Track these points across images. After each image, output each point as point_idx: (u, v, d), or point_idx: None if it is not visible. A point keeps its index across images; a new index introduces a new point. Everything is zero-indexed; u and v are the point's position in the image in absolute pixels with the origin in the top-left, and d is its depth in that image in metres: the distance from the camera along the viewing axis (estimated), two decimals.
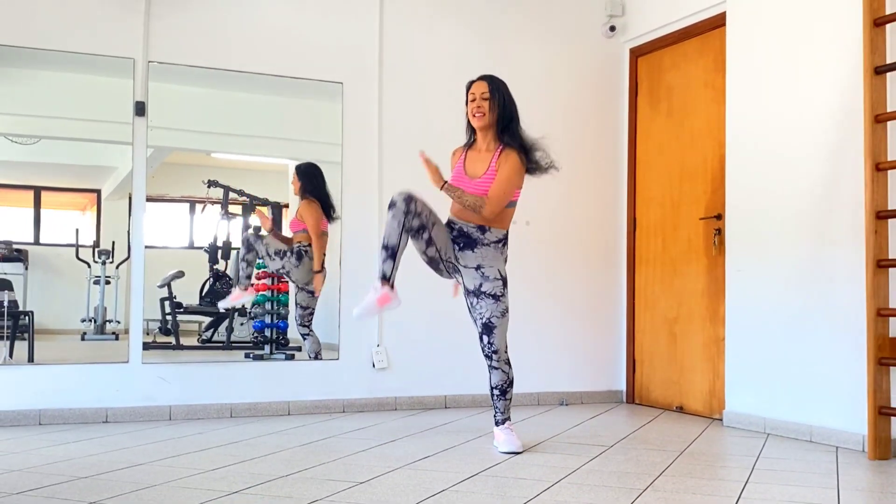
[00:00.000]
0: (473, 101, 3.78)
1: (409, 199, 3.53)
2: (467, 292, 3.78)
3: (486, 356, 3.75)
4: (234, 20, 4.82)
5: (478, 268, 3.74)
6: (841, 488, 3.10)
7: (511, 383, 3.80)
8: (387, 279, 3.60)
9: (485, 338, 3.72)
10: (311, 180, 5.04)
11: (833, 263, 4.06)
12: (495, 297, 3.71)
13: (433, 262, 3.76)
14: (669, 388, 5.22)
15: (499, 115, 3.76)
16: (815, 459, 3.67)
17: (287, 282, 5.14)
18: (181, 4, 4.70)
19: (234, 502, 2.74)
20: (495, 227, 3.76)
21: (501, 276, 3.76)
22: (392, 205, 3.54)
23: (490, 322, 3.70)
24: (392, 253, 3.57)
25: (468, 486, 3.04)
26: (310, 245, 4.99)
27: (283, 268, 5.02)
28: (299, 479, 3.10)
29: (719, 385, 4.81)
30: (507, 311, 3.75)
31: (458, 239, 3.76)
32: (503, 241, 3.80)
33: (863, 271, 3.82)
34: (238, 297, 4.99)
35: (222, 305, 5.06)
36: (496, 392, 3.79)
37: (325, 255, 5.00)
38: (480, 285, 3.71)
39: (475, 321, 3.77)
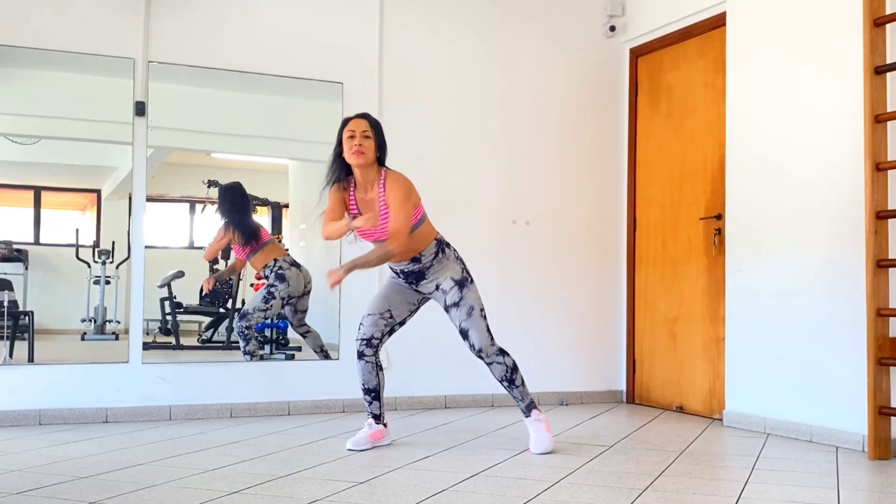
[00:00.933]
0: (352, 138, 3.58)
1: (368, 341, 3.76)
2: (445, 311, 3.79)
3: (477, 357, 3.76)
4: (235, 20, 4.83)
5: (437, 287, 3.75)
6: (841, 488, 3.10)
7: (514, 368, 3.76)
8: (378, 419, 3.83)
9: (466, 342, 3.73)
10: (222, 204, 5.03)
11: (833, 263, 4.06)
12: (456, 305, 3.70)
13: (418, 309, 3.91)
14: (669, 388, 5.22)
15: (377, 153, 3.64)
16: (815, 459, 3.67)
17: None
18: (181, 4, 4.70)
19: (234, 502, 2.74)
20: (423, 247, 3.70)
21: (455, 281, 3.71)
22: (360, 355, 3.76)
23: (461, 327, 3.71)
24: (375, 395, 3.83)
25: (468, 486, 3.04)
26: (275, 260, 4.96)
27: (283, 300, 5.00)
28: (299, 479, 3.10)
29: (719, 385, 4.81)
30: (473, 310, 3.69)
31: (408, 278, 3.79)
32: (440, 250, 3.73)
33: (863, 271, 3.82)
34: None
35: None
36: (504, 384, 3.77)
37: (281, 260, 4.98)
38: (445, 301, 3.74)
39: (447, 306, 3.77)
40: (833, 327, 4.05)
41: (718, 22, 4.86)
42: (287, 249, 5.12)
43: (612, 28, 5.60)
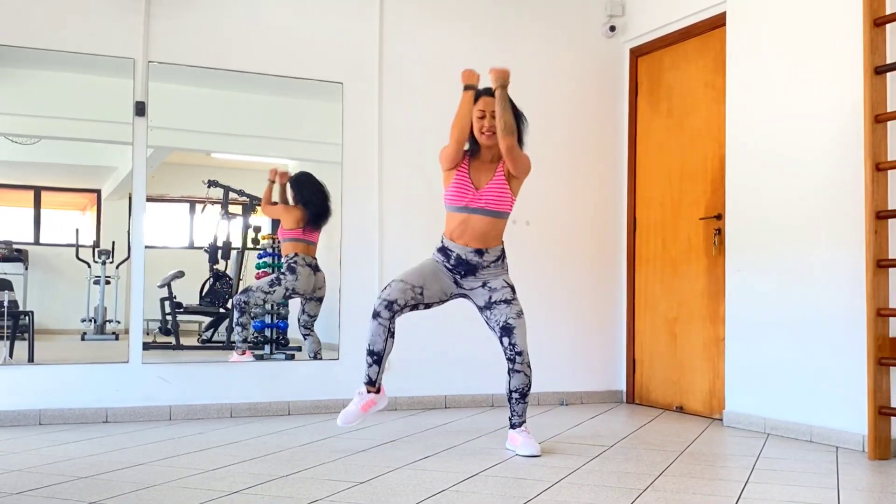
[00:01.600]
0: (482, 118, 3.65)
1: (390, 304, 3.60)
2: (480, 309, 3.75)
3: (509, 359, 3.67)
4: (234, 20, 4.83)
5: (483, 284, 3.73)
6: (841, 488, 3.10)
7: (530, 386, 3.74)
8: (373, 384, 3.71)
9: (505, 340, 3.65)
10: (301, 189, 5.05)
11: (833, 263, 4.06)
12: (507, 302, 3.68)
13: (441, 304, 3.80)
14: (669, 388, 5.22)
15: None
16: (815, 459, 3.67)
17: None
18: (181, 4, 4.70)
19: (234, 502, 2.74)
20: (493, 246, 3.72)
21: (508, 283, 3.75)
22: (376, 314, 3.61)
23: (507, 323, 3.65)
24: (378, 359, 3.67)
25: (468, 486, 3.04)
26: (297, 254, 4.98)
27: (287, 291, 5.01)
28: (299, 479, 3.10)
29: (719, 385, 4.81)
30: (523, 314, 3.72)
31: (457, 268, 3.71)
32: (501, 257, 3.77)
33: (863, 271, 3.82)
34: (237, 361, 4.94)
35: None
36: (516, 395, 3.71)
37: (304, 257, 5.00)
38: (490, 297, 3.70)
39: (493, 330, 3.72)
40: (833, 327, 4.05)
41: (718, 22, 4.86)
42: (314, 257, 5.09)
43: (612, 28, 5.60)
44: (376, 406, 3.78)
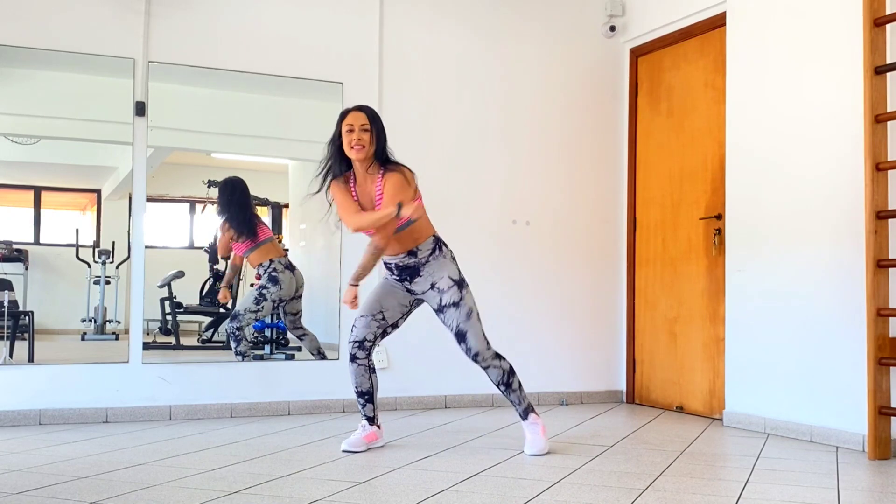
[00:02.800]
0: (351, 132, 3.61)
1: (361, 343, 3.73)
2: (435, 312, 3.75)
3: (472, 361, 3.70)
4: (235, 20, 4.83)
5: (432, 286, 3.70)
6: (841, 488, 3.10)
7: (511, 372, 3.73)
8: (372, 421, 3.82)
9: (462, 345, 3.67)
10: (220, 198, 5.03)
11: (833, 263, 4.06)
12: (455, 305, 3.66)
13: (410, 312, 3.86)
14: (669, 388, 5.22)
15: (377, 145, 3.64)
16: (815, 459, 3.67)
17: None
18: (181, 4, 4.70)
19: (234, 502, 2.74)
20: (421, 243, 3.69)
21: (454, 281, 3.68)
22: (353, 358, 3.74)
23: (459, 329, 3.65)
24: (369, 398, 3.80)
25: (468, 486, 3.04)
26: (272, 260, 4.96)
27: (274, 303, 4.99)
28: (299, 479, 3.10)
29: (719, 385, 4.81)
30: (472, 312, 3.67)
31: (402, 274, 3.74)
32: (435, 247, 3.71)
33: (863, 271, 3.82)
34: None
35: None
36: (502, 388, 3.74)
37: (277, 260, 4.98)
38: (440, 300, 3.68)
39: (450, 332, 3.72)
40: (833, 327, 4.05)
41: (718, 22, 4.87)
42: (287, 250, 5.12)
43: (612, 28, 5.60)
44: (377, 441, 3.82)
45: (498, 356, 3.72)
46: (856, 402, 3.89)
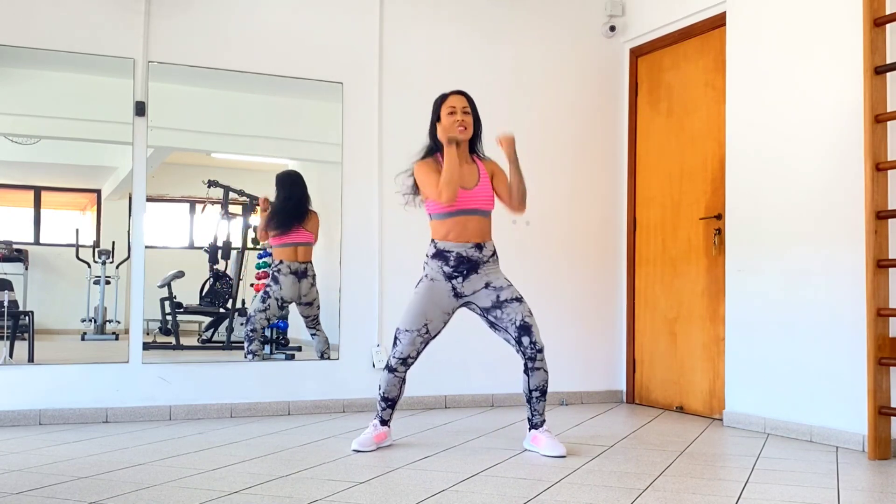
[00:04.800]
0: (452, 114, 3.72)
1: (405, 360, 3.74)
2: (486, 311, 3.73)
3: (530, 357, 3.66)
4: (234, 20, 4.83)
5: (486, 285, 3.71)
6: (841, 488, 3.10)
7: (548, 383, 3.75)
8: (385, 423, 3.84)
9: (525, 339, 3.65)
10: (293, 188, 5.05)
11: (833, 263, 4.06)
12: (518, 300, 3.70)
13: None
14: (669, 388, 5.22)
15: (475, 130, 3.81)
16: (815, 459, 3.67)
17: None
18: (181, 4, 4.70)
19: (234, 502, 2.74)
20: (488, 240, 3.77)
21: (509, 282, 3.78)
22: (392, 370, 3.74)
23: (525, 322, 3.66)
24: (392, 404, 3.82)
25: (468, 486, 3.04)
26: (282, 262, 4.98)
27: (277, 301, 5.00)
28: (299, 479, 3.10)
29: (719, 385, 4.81)
30: (532, 311, 3.75)
31: (458, 268, 3.70)
32: (496, 252, 3.81)
33: (863, 271, 3.82)
34: None
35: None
36: (537, 394, 3.70)
37: (287, 264, 5.02)
38: (498, 297, 3.69)
39: (506, 331, 3.70)
40: (833, 327, 4.05)
41: (718, 22, 4.87)
42: (305, 260, 5.10)
43: (612, 28, 5.60)
44: (386, 441, 3.83)
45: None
46: (856, 402, 3.89)
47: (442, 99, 3.80)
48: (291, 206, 5.02)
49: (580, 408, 5.27)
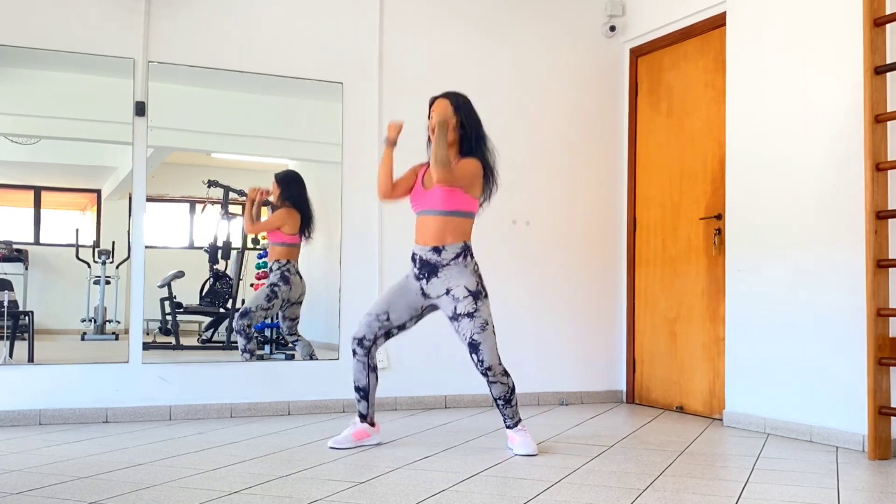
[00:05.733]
0: (431, 118, 3.77)
1: (360, 341, 3.76)
2: (449, 319, 3.74)
3: (482, 374, 3.68)
4: (234, 20, 4.83)
5: (447, 292, 3.69)
6: (841, 488, 3.10)
7: (513, 390, 3.72)
8: (364, 418, 3.83)
9: (473, 356, 3.64)
10: (289, 187, 5.04)
11: (833, 263, 4.06)
12: (469, 316, 3.64)
13: (420, 318, 3.87)
14: (669, 388, 5.22)
15: (461, 134, 3.76)
16: (815, 459, 3.67)
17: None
18: (181, 4, 4.70)
19: (234, 502, 2.74)
20: (450, 243, 3.70)
21: (470, 291, 3.67)
22: (353, 353, 3.79)
23: (473, 340, 3.63)
24: (364, 394, 3.83)
25: (468, 486, 3.04)
26: (289, 261, 4.98)
27: (283, 301, 5.00)
28: (299, 479, 3.10)
29: (719, 385, 4.81)
30: (488, 325, 3.65)
31: (422, 270, 3.74)
32: (462, 254, 3.72)
33: (863, 271, 3.82)
34: None
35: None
36: (500, 402, 3.72)
37: (290, 263, 5.01)
38: (455, 308, 3.67)
39: (462, 343, 3.71)
40: (833, 327, 4.05)
41: (718, 22, 4.87)
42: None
43: (612, 28, 5.60)
44: (368, 439, 3.83)
45: (506, 373, 3.71)
46: (856, 402, 3.89)
47: (431, 101, 3.85)
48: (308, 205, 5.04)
49: (580, 408, 5.27)
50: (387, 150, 3.85)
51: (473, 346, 3.63)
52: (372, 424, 3.85)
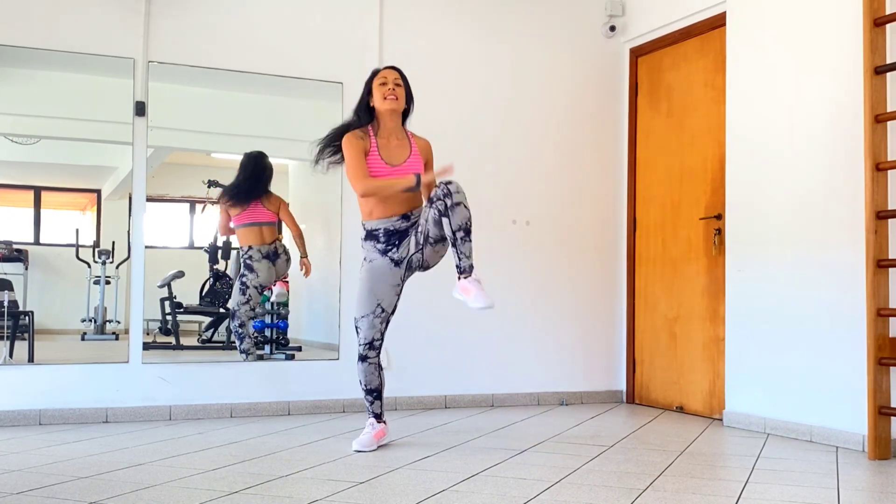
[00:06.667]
0: (384, 84, 3.73)
1: (371, 344, 3.72)
2: (421, 247, 3.65)
3: (445, 194, 3.43)
4: (234, 20, 4.83)
5: (412, 231, 3.69)
6: (841, 488, 3.10)
7: (471, 222, 3.50)
8: (380, 418, 3.83)
9: (438, 190, 3.46)
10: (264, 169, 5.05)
11: (833, 263, 4.06)
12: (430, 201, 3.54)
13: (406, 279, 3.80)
14: (669, 388, 5.22)
15: (406, 104, 3.82)
16: (815, 459, 3.67)
17: (288, 281, 5.13)
18: (181, 4, 4.70)
19: (234, 502, 2.74)
20: (417, 207, 3.74)
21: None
22: (363, 358, 3.74)
23: (438, 191, 3.48)
24: (378, 395, 3.81)
25: (468, 486, 3.04)
26: (250, 247, 4.97)
27: (258, 288, 4.99)
28: (299, 479, 3.10)
29: (719, 385, 4.81)
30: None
31: (390, 240, 3.70)
32: (426, 205, 3.66)
33: (863, 271, 3.82)
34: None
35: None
36: (461, 234, 3.46)
37: (276, 243, 5.03)
38: (416, 224, 3.67)
39: (430, 222, 3.55)
40: (833, 327, 4.05)
41: (718, 22, 4.87)
42: (279, 238, 5.08)
43: (612, 28, 5.60)
44: (385, 438, 3.85)
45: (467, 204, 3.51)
46: (856, 402, 3.89)
47: (374, 73, 3.83)
48: (247, 183, 4.99)
49: (580, 408, 5.27)
50: (407, 187, 3.62)
51: (440, 186, 3.49)
52: (384, 423, 3.86)
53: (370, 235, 3.75)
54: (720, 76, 4.86)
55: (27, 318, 4.60)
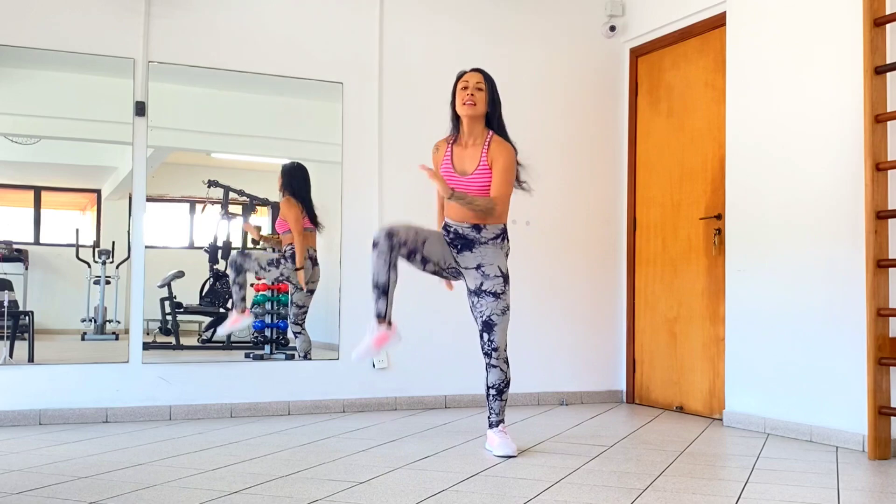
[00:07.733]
0: (465, 89, 3.71)
1: (390, 234, 3.50)
2: (469, 292, 3.74)
3: (486, 353, 3.69)
4: (235, 20, 4.83)
5: (478, 267, 3.70)
6: (841, 488, 3.10)
7: (508, 384, 3.73)
8: (382, 318, 3.58)
9: (485, 335, 3.67)
10: (291, 179, 5.05)
11: (833, 263, 4.06)
12: (495, 295, 3.66)
13: (436, 274, 3.78)
14: (669, 388, 5.22)
15: (489, 108, 3.74)
16: (815, 459, 3.67)
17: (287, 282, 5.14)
18: (181, 4, 4.70)
19: (234, 502, 2.74)
20: (491, 223, 3.71)
21: (502, 272, 3.71)
22: (375, 244, 3.52)
23: (490, 319, 3.65)
24: (383, 291, 3.54)
25: (468, 486, 3.04)
26: (291, 245, 5.00)
27: (282, 275, 5.02)
28: (299, 479, 3.10)
29: (719, 385, 4.81)
30: (508, 309, 3.70)
31: (455, 241, 3.72)
32: (501, 235, 3.74)
33: (863, 271, 3.82)
34: (236, 322, 4.91)
35: (221, 332, 4.99)
36: (493, 392, 3.71)
37: (307, 250, 5.01)
38: (481, 284, 3.68)
39: (476, 319, 3.73)
40: (833, 327, 4.05)
41: (718, 22, 4.87)
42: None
43: (612, 28, 5.60)
44: (389, 342, 3.60)
45: (507, 362, 3.72)
46: (856, 402, 3.89)
47: (458, 76, 3.80)
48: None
49: (580, 408, 5.27)
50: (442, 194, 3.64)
51: (488, 326, 3.65)
52: (389, 325, 3.60)
53: (444, 226, 3.78)
54: (720, 76, 4.86)
55: (27, 318, 4.60)
